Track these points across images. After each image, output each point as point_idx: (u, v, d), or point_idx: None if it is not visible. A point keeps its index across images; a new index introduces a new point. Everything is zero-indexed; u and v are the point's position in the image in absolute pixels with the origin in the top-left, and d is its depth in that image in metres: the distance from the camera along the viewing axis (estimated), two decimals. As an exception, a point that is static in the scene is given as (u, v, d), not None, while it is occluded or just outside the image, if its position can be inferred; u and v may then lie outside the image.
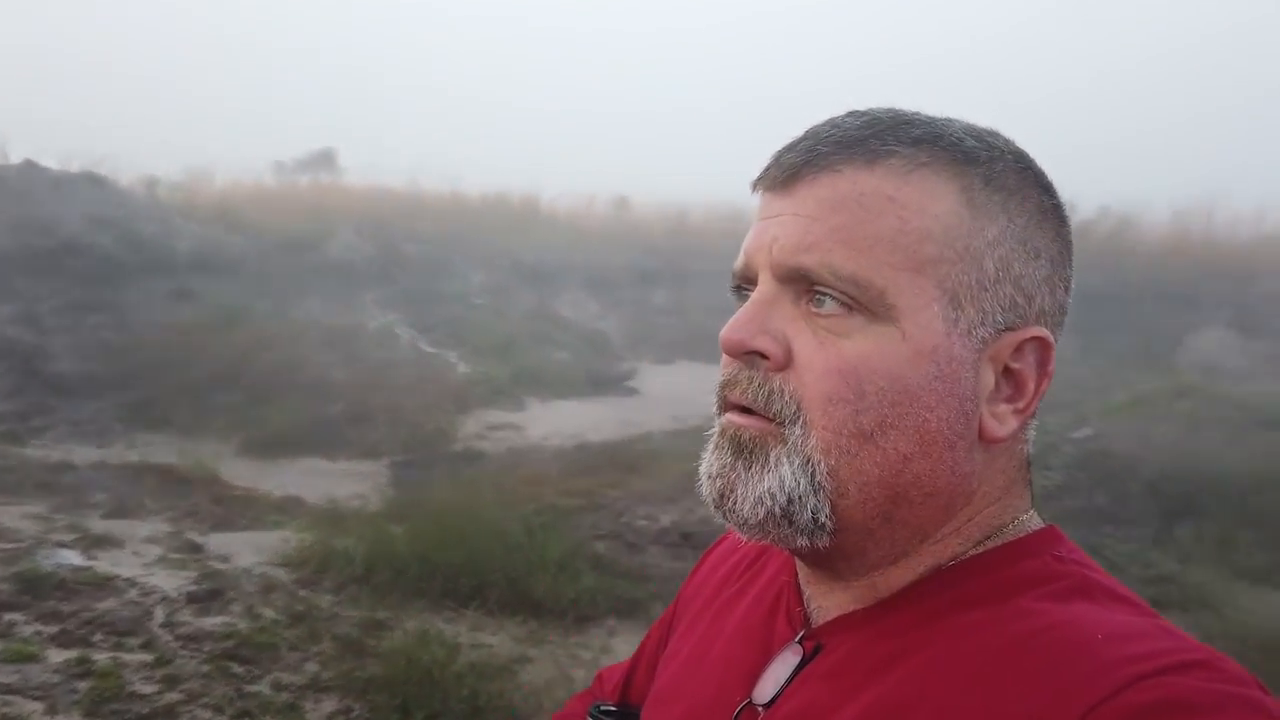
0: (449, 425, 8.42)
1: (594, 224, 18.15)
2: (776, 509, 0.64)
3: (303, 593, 4.25)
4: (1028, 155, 0.69)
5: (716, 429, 0.69)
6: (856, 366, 0.62)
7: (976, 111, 0.71)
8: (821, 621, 0.71)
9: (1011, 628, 0.60)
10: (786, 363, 0.65)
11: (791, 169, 0.67)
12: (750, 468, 0.65)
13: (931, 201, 0.64)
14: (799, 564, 0.75)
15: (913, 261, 0.63)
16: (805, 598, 0.74)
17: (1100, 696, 0.53)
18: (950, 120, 0.69)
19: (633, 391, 10.77)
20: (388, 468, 7.34)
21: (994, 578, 0.65)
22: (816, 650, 0.69)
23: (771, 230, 0.67)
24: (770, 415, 0.65)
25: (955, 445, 0.65)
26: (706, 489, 0.69)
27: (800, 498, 0.63)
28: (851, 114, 0.69)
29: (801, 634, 0.72)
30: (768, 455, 0.65)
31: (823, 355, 0.63)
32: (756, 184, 0.71)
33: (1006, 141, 0.69)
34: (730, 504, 0.66)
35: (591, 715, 0.90)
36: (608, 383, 10.84)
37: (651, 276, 15.86)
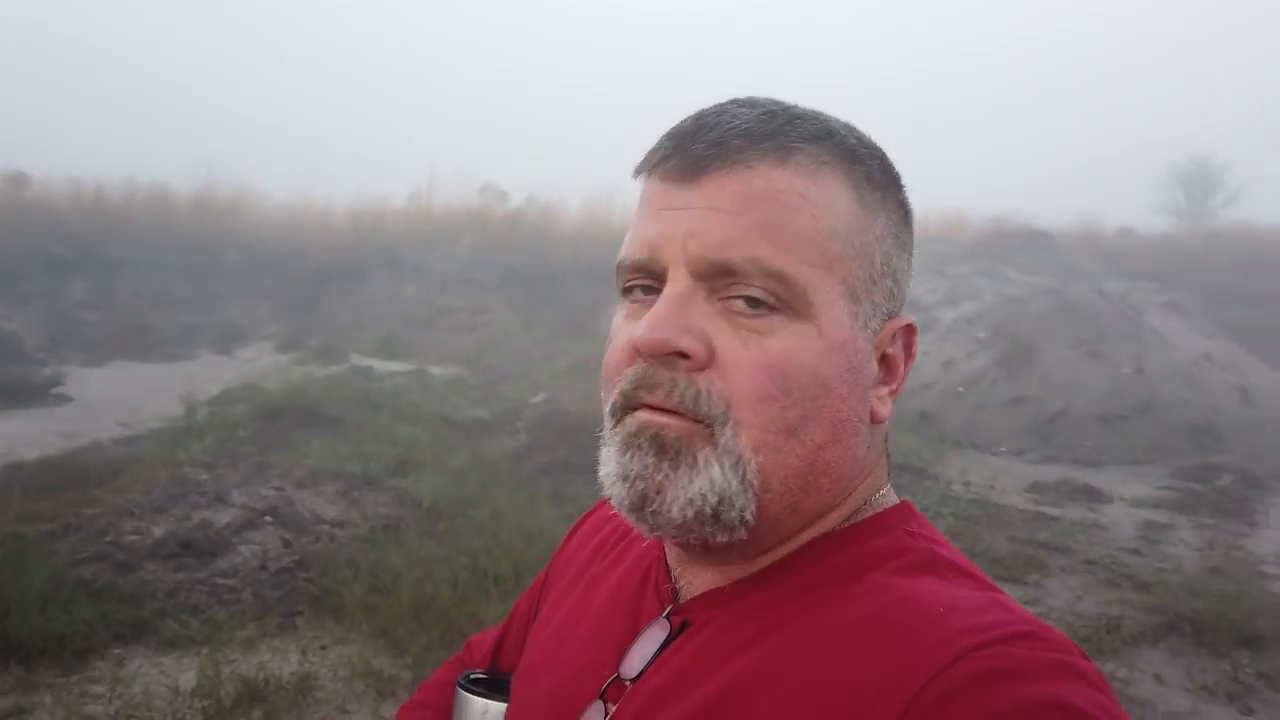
0: None
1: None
2: (707, 509, 0.62)
3: None
4: (885, 152, 0.71)
5: (628, 428, 0.65)
6: (782, 364, 0.62)
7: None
8: (689, 597, 0.71)
9: (863, 603, 0.62)
10: (709, 362, 0.63)
11: (700, 160, 0.65)
12: (678, 468, 0.63)
13: (834, 199, 0.65)
14: (670, 542, 0.73)
15: (824, 259, 0.64)
16: (674, 573, 0.73)
17: (941, 665, 0.55)
18: (826, 115, 0.69)
19: (64, 399, 9.40)
20: None
21: (851, 553, 0.66)
22: (684, 626, 0.69)
23: (683, 224, 0.64)
24: (698, 416, 0.62)
25: (859, 431, 0.67)
26: (621, 492, 0.65)
27: (730, 497, 0.62)
28: (740, 103, 0.68)
29: (669, 609, 0.71)
30: (695, 456, 0.62)
31: (749, 354, 0.62)
32: (650, 171, 0.68)
33: (870, 139, 0.71)
34: (655, 506, 0.63)
35: (460, 684, 0.87)
36: (28, 392, 9.29)
37: (65, 265, 13.78)
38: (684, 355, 0.63)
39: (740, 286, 0.63)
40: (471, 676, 0.89)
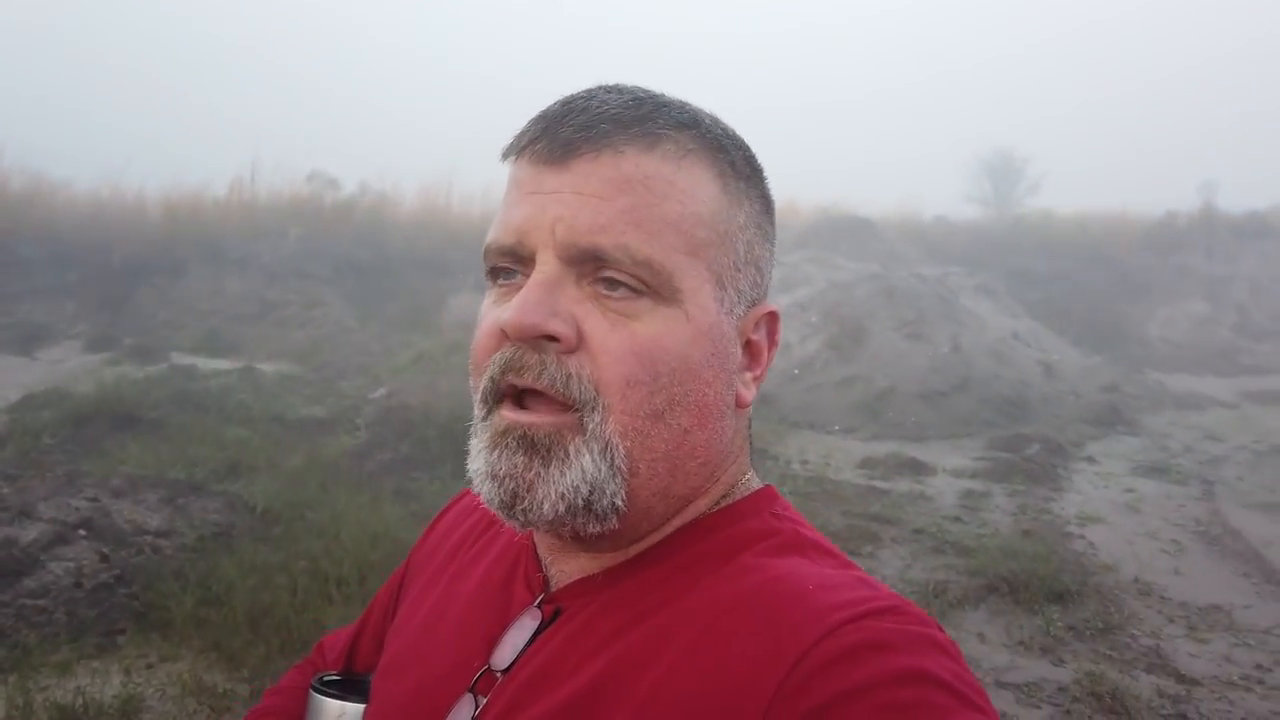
0: None
1: None
2: (579, 500, 0.62)
3: None
4: (748, 144, 0.72)
5: (495, 426, 0.65)
6: (650, 348, 0.62)
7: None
8: (561, 585, 0.71)
9: (736, 584, 0.63)
10: (577, 345, 0.63)
11: (569, 144, 0.64)
12: (549, 465, 0.62)
13: (700, 187, 0.66)
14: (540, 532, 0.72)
15: (690, 245, 0.64)
16: (545, 562, 0.73)
17: (813, 639, 0.57)
18: (692, 105, 0.70)
19: None
20: None
21: (722, 537, 0.67)
22: (556, 614, 0.69)
23: (551, 208, 0.64)
24: (567, 400, 0.62)
25: (724, 415, 0.68)
26: (490, 490, 0.65)
27: (601, 485, 0.62)
28: (608, 89, 0.68)
29: (540, 598, 0.71)
30: (566, 449, 0.62)
31: (617, 338, 0.62)
32: (518, 154, 0.67)
33: (734, 130, 0.72)
34: (525, 504, 0.63)
35: (313, 686, 0.84)
36: None
37: None
38: (553, 338, 0.63)
39: (609, 271, 0.63)
40: (325, 679, 0.86)
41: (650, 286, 0.63)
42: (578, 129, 0.65)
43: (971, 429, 9.30)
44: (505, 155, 0.69)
